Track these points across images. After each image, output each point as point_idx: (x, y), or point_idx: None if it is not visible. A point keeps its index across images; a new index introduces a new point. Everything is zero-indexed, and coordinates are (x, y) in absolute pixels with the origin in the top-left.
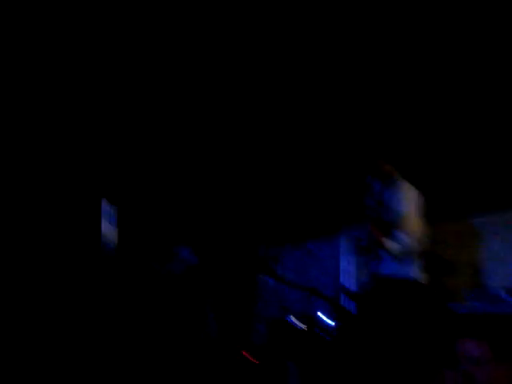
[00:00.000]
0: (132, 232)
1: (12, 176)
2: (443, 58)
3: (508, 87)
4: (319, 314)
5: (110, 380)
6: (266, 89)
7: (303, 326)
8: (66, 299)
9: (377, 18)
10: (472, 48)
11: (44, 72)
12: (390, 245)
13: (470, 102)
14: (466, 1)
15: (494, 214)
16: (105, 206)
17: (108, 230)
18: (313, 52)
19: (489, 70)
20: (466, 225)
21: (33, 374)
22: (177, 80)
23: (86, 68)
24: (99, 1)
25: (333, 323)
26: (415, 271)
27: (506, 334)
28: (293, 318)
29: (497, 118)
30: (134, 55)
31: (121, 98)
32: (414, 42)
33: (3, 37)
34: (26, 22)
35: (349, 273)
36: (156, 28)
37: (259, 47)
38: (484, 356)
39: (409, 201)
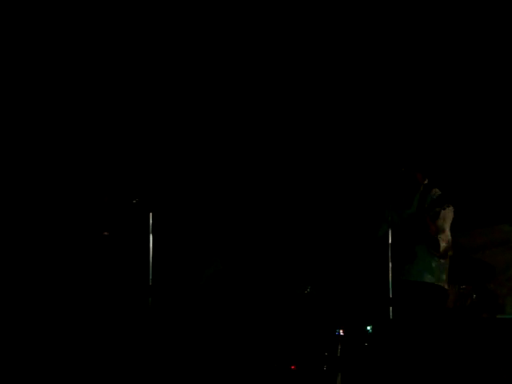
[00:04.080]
0: (169, 237)
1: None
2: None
3: None
4: (368, 326)
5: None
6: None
7: (351, 338)
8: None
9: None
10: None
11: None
12: (427, 248)
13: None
14: None
15: None
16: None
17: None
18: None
19: None
20: (499, 232)
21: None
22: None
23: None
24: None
25: (379, 332)
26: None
27: None
28: (340, 331)
29: None
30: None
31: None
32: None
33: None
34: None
35: (390, 277)
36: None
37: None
38: None
39: (444, 209)
